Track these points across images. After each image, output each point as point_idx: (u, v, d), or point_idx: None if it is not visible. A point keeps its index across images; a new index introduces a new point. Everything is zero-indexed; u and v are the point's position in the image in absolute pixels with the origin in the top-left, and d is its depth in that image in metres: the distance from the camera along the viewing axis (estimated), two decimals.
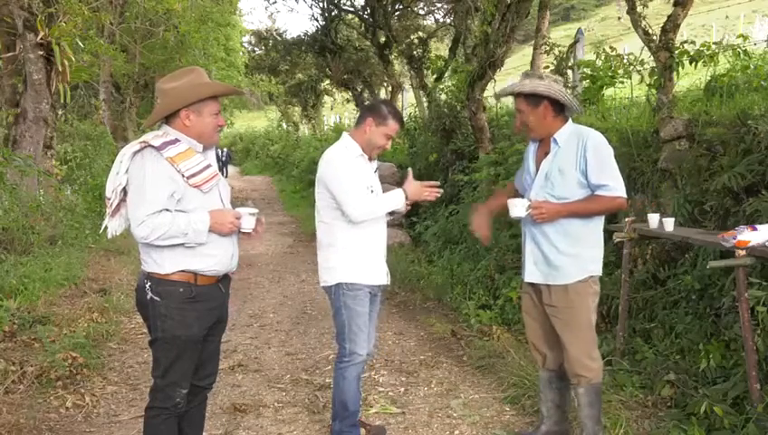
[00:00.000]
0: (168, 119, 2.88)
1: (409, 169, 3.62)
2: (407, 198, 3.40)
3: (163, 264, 2.80)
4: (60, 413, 4.09)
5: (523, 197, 3.43)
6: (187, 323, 2.84)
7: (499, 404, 4.21)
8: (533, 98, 3.25)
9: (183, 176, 2.76)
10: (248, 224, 2.94)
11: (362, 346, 3.46)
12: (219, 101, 2.95)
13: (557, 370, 3.48)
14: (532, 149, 3.45)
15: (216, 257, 2.88)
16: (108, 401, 4.33)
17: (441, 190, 3.53)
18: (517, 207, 3.24)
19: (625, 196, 3.21)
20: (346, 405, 3.50)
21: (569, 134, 3.26)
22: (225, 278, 3.02)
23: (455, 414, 4.09)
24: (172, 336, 2.84)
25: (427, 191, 3.45)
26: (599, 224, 3.32)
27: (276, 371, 4.95)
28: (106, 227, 2.93)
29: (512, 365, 4.54)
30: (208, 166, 2.87)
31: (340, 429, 3.55)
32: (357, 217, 3.36)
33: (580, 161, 3.17)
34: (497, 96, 3.60)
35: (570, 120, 3.32)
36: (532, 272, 3.36)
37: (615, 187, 3.16)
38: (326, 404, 4.25)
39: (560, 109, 3.27)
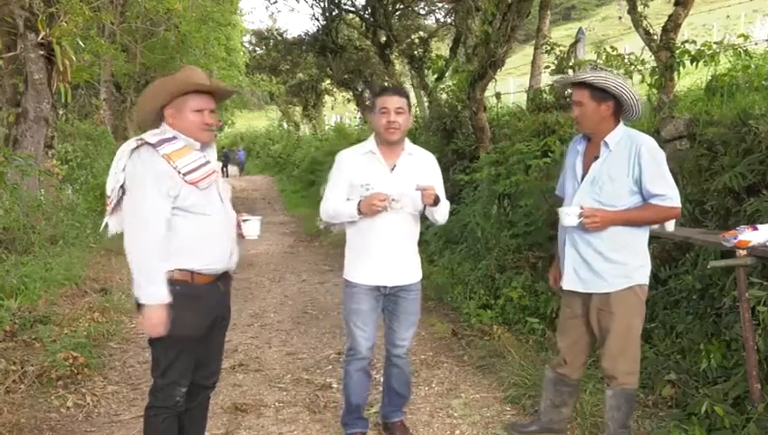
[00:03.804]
0: (164, 117, 2.87)
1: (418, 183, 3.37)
2: (359, 210, 3.32)
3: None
4: (61, 413, 4.09)
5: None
6: (186, 322, 2.81)
7: (500, 404, 4.21)
8: (599, 93, 3.12)
9: (179, 173, 2.74)
10: (253, 230, 3.04)
11: (361, 343, 3.47)
12: (209, 100, 2.87)
13: (570, 378, 3.48)
14: (579, 150, 3.33)
15: (213, 256, 2.86)
16: (109, 401, 4.33)
17: (386, 202, 3.27)
18: (569, 216, 3.12)
19: (680, 205, 3.11)
20: (349, 398, 3.60)
21: (620, 138, 3.14)
22: (224, 277, 3.00)
23: (455, 414, 4.09)
24: (170, 335, 2.81)
25: (374, 203, 3.27)
26: (645, 230, 3.21)
27: (277, 370, 4.95)
28: (107, 225, 2.91)
29: (512, 365, 4.54)
30: (206, 163, 2.84)
31: (346, 420, 3.68)
32: (321, 214, 3.52)
33: (633, 168, 3.07)
34: (557, 84, 3.40)
35: (622, 122, 3.20)
36: (572, 279, 3.29)
37: (672, 196, 3.06)
38: (327, 404, 4.26)
39: (618, 110, 3.17)
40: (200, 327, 2.89)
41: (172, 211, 2.76)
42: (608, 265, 3.16)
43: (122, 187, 2.79)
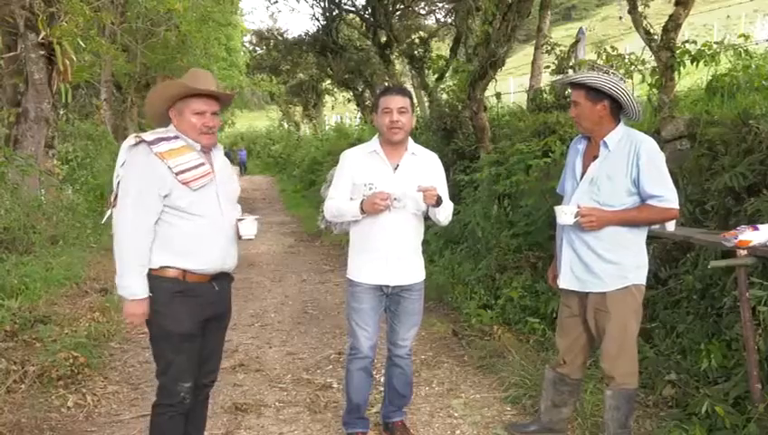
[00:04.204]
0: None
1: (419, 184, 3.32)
2: (362, 209, 3.32)
3: (152, 257, 2.81)
4: (61, 413, 4.08)
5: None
6: (178, 318, 2.84)
7: (500, 404, 4.21)
8: (594, 93, 3.12)
9: (172, 172, 2.77)
10: (249, 230, 3.00)
11: (362, 342, 3.47)
12: (212, 102, 2.89)
13: (570, 377, 3.49)
14: (580, 148, 3.33)
15: (204, 258, 2.88)
16: (109, 401, 4.33)
17: (389, 201, 3.26)
18: (566, 215, 3.12)
19: (678, 207, 3.09)
20: (350, 397, 3.61)
21: (620, 138, 3.14)
22: (220, 277, 3.01)
23: (456, 414, 4.09)
24: (165, 332, 2.85)
25: (376, 202, 3.26)
26: (643, 231, 3.21)
27: (277, 370, 4.95)
28: (110, 216, 2.93)
29: (513, 365, 4.54)
30: (201, 164, 2.86)
31: (346, 420, 3.69)
32: (325, 213, 3.53)
33: (632, 169, 3.06)
34: (556, 84, 3.41)
35: (622, 122, 3.21)
36: (569, 278, 3.29)
37: (669, 197, 3.05)
38: (327, 404, 4.26)
39: (617, 110, 3.16)
40: (192, 323, 2.89)
41: (165, 210, 2.80)
42: (604, 264, 3.16)
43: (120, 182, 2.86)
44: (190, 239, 2.83)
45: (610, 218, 3.10)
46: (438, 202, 3.31)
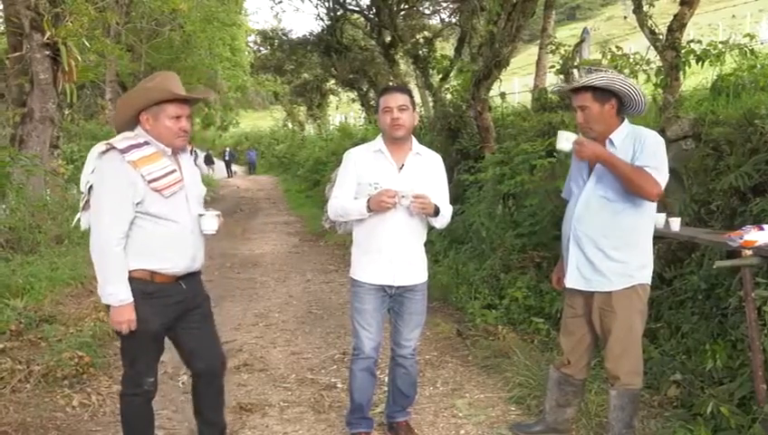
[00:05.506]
0: (140, 122, 2.95)
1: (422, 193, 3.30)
2: (369, 208, 3.31)
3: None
4: (66, 412, 4.10)
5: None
6: (144, 319, 2.89)
7: (504, 404, 4.20)
8: (602, 94, 3.12)
9: (144, 180, 2.81)
10: (210, 226, 3.03)
11: (365, 343, 3.48)
12: (185, 106, 2.93)
13: (574, 378, 3.48)
14: None
15: (172, 260, 2.94)
16: (114, 400, 4.33)
17: (396, 199, 3.24)
18: (566, 141, 3.14)
19: (662, 188, 3.06)
20: (353, 397, 3.62)
21: (625, 135, 3.15)
22: (188, 276, 3.06)
23: (460, 414, 4.09)
24: (133, 331, 2.90)
25: (383, 200, 3.26)
26: (649, 229, 3.22)
27: (282, 370, 4.95)
28: (79, 220, 3.01)
29: (517, 365, 4.53)
30: (173, 171, 2.90)
31: (350, 420, 3.71)
32: (329, 212, 3.54)
33: (637, 160, 3.07)
34: (556, 93, 3.34)
35: (626, 120, 3.22)
36: (576, 278, 3.28)
37: (660, 173, 3.03)
38: (331, 403, 4.26)
39: (621, 108, 3.18)
40: (160, 324, 2.97)
41: (138, 215, 2.85)
42: (611, 263, 3.16)
43: (91, 187, 2.89)
44: (161, 242, 2.90)
45: (600, 154, 3.08)
46: (436, 212, 3.34)
